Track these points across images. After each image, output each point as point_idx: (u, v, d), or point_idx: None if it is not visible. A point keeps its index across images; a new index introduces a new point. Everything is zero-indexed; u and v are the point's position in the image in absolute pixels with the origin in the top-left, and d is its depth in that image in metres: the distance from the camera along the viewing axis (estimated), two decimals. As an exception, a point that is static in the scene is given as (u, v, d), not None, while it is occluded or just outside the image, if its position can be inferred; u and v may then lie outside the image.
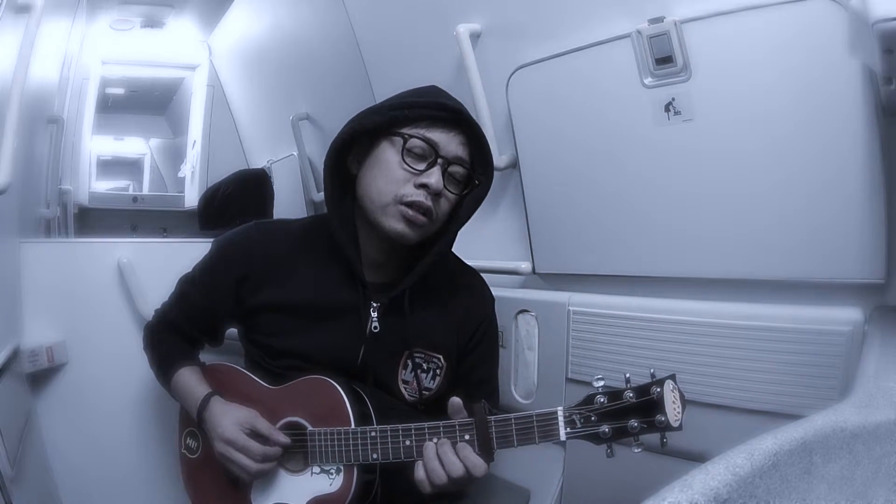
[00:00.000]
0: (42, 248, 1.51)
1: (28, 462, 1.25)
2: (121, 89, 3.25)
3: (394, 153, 0.94)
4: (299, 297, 1.01)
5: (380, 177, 0.95)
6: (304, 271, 1.02)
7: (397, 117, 0.94)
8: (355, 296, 1.00)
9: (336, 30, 1.70)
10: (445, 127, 0.95)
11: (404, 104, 0.95)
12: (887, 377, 0.59)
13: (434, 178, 0.93)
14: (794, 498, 0.43)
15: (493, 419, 0.82)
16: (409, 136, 0.93)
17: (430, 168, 0.94)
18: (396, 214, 0.94)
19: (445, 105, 0.94)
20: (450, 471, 0.82)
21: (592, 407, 0.78)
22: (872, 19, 0.59)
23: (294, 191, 2.35)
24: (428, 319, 1.03)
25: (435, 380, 1.05)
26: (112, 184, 3.56)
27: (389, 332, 1.01)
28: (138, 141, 3.64)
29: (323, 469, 0.95)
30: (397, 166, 0.94)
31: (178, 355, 1.10)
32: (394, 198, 0.93)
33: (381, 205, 0.95)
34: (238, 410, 0.99)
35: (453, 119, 0.95)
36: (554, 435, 0.79)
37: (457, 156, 0.96)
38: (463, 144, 0.97)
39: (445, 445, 0.84)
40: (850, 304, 0.91)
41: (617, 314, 1.14)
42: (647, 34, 1.01)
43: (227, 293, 1.04)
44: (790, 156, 0.93)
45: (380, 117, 0.95)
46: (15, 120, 1.14)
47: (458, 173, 0.98)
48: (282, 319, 1.01)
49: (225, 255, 1.06)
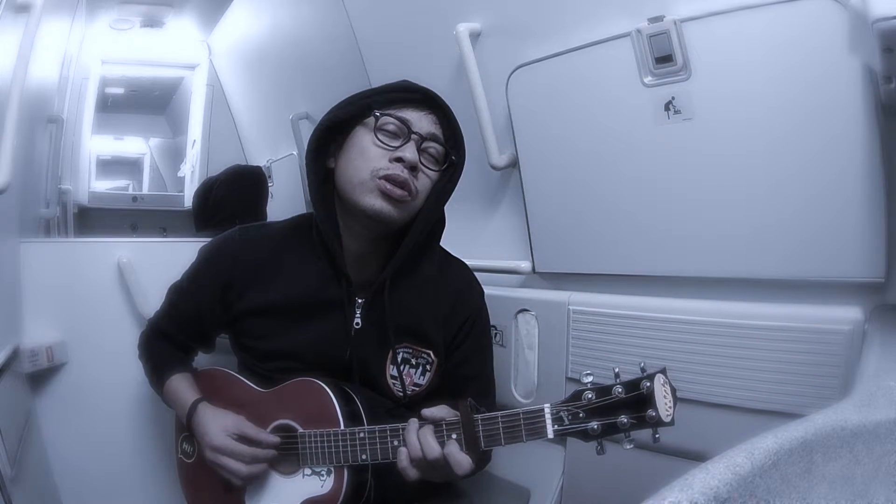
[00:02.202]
0: (42, 248, 1.51)
1: (28, 462, 1.25)
2: (120, 89, 3.25)
3: (367, 134, 0.96)
4: (284, 297, 1.01)
5: (356, 157, 0.96)
6: (288, 272, 1.03)
7: (369, 104, 0.97)
8: (339, 292, 1.01)
9: (336, 29, 1.70)
10: (417, 106, 0.98)
11: (376, 91, 0.99)
12: (887, 376, 0.59)
13: (409, 152, 0.94)
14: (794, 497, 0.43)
15: (479, 418, 0.81)
16: (381, 114, 0.96)
17: (404, 144, 0.96)
18: (374, 190, 0.94)
19: (415, 87, 0.98)
20: (427, 451, 0.82)
21: (580, 403, 0.76)
22: (872, 18, 0.59)
23: (294, 190, 2.35)
24: (415, 314, 1.03)
25: (425, 375, 1.05)
26: (112, 183, 3.56)
27: (375, 327, 1.01)
28: (138, 140, 3.64)
29: (314, 471, 0.95)
30: (372, 145, 0.95)
31: (169, 363, 1.11)
32: (370, 173, 0.94)
33: (358, 182, 0.95)
34: (225, 417, 0.99)
35: (423, 100, 0.98)
36: (541, 433, 0.77)
37: (430, 132, 0.98)
38: (435, 123, 0.99)
39: (427, 429, 0.84)
40: (850, 303, 0.91)
41: (617, 313, 1.14)
42: (647, 33, 1.01)
43: (213, 300, 1.04)
44: (790, 154, 0.93)
45: (352, 107, 0.98)
46: (15, 119, 1.14)
47: (432, 149, 0.99)
48: (268, 322, 1.02)
49: (209, 263, 1.07)
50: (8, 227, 1.40)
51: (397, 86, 0.99)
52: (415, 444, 0.83)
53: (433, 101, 0.99)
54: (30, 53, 1.19)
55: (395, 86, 0.99)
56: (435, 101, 0.99)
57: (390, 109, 0.96)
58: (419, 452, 0.83)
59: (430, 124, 0.98)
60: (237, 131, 2.96)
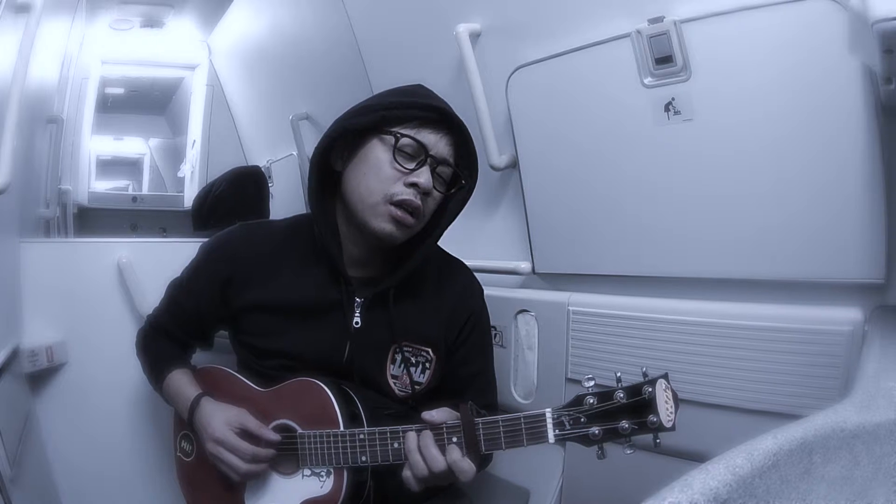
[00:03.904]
0: (42, 248, 1.51)
1: (28, 462, 1.25)
2: (120, 89, 3.26)
3: (384, 152, 0.94)
4: (283, 296, 1.01)
5: (370, 175, 0.95)
6: (288, 270, 1.03)
7: (387, 117, 0.94)
8: (338, 293, 1.01)
9: (336, 30, 1.70)
10: (434, 128, 0.95)
11: (394, 104, 0.96)
12: (887, 377, 0.59)
13: (424, 178, 0.93)
14: (793, 498, 0.43)
15: (480, 421, 0.81)
16: (400, 135, 0.94)
17: (419, 167, 0.94)
18: (385, 214, 0.94)
19: (435, 107, 0.96)
20: (431, 465, 0.82)
21: (582, 408, 0.76)
22: (872, 19, 0.59)
23: (294, 190, 2.36)
24: (414, 313, 1.03)
25: (424, 374, 1.05)
26: (111, 184, 3.56)
27: (374, 326, 1.01)
28: (138, 141, 3.64)
29: (314, 471, 0.95)
30: (388, 165, 0.94)
31: (168, 359, 1.11)
32: (383, 197, 0.93)
33: (370, 203, 0.94)
34: (228, 410, 0.99)
35: (442, 120, 0.96)
36: (542, 437, 0.77)
37: (444, 157, 0.97)
38: (450, 145, 0.98)
39: (427, 438, 0.84)
40: (850, 303, 0.91)
41: (617, 314, 1.14)
42: (647, 34, 1.01)
43: (213, 296, 1.05)
44: (790, 155, 0.93)
45: (368, 117, 0.95)
46: (15, 120, 1.14)
47: (444, 173, 0.99)
48: (267, 319, 1.02)
49: (210, 259, 1.07)
50: (8, 227, 1.40)
51: (418, 103, 0.96)
52: (419, 462, 0.83)
53: (450, 122, 0.96)
54: (30, 53, 1.19)
55: (414, 102, 0.96)
56: (453, 121, 0.96)
57: (408, 128, 0.94)
58: (424, 469, 0.83)
59: (446, 147, 0.97)
60: (237, 131, 2.96)
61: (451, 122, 0.97)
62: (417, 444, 0.84)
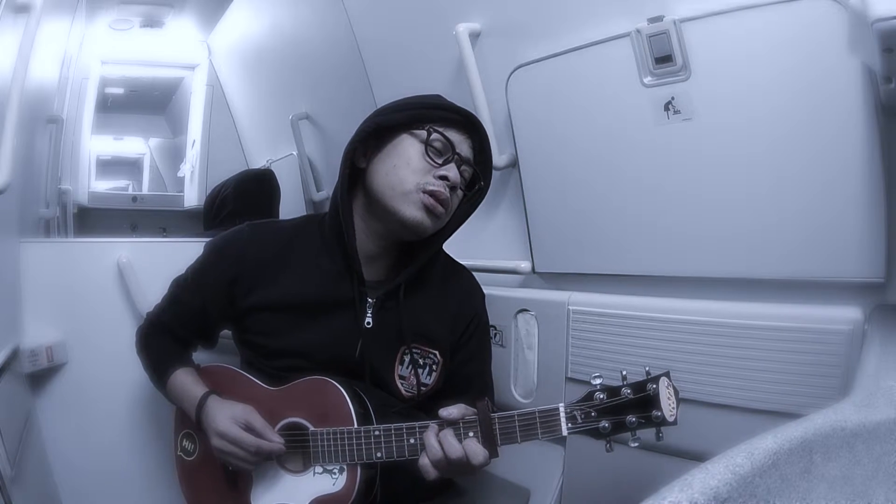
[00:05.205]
0: (42, 248, 1.51)
1: (28, 462, 1.25)
2: (120, 89, 3.25)
3: (415, 146, 0.99)
4: (293, 294, 1.01)
5: (401, 166, 0.98)
6: (297, 269, 1.03)
7: (419, 115, 1.00)
8: (350, 291, 1.01)
9: (336, 30, 1.70)
10: (460, 129, 1.02)
11: (423, 104, 1.02)
12: (887, 376, 0.59)
13: (453, 172, 0.99)
14: (794, 497, 0.43)
15: (496, 416, 0.84)
16: (433, 129, 0.99)
17: (447, 163, 0.99)
18: (417, 202, 0.97)
19: (459, 110, 1.03)
20: (448, 451, 0.84)
21: (592, 403, 0.80)
22: (872, 18, 0.59)
23: (294, 190, 2.35)
24: (422, 315, 1.05)
25: (431, 375, 1.06)
26: (111, 183, 3.56)
27: (385, 326, 1.02)
28: (138, 141, 3.64)
29: (326, 469, 0.95)
30: (420, 157, 0.98)
31: (172, 358, 1.10)
32: (416, 186, 0.97)
33: (402, 192, 0.97)
34: (234, 406, 0.99)
35: (466, 123, 1.03)
36: (556, 430, 0.81)
37: (467, 157, 1.03)
38: (471, 148, 1.04)
39: (447, 430, 0.86)
40: (850, 303, 0.91)
41: (617, 313, 1.14)
42: (647, 33, 1.01)
43: (219, 295, 1.04)
44: (790, 155, 0.93)
45: (402, 114, 1.01)
46: (15, 120, 1.14)
47: (466, 173, 1.04)
48: (275, 319, 1.02)
49: (217, 257, 1.06)
50: (8, 227, 1.40)
51: (444, 104, 1.02)
52: (435, 447, 0.85)
53: (473, 126, 1.03)
54: (30, 53, 1.19)
55: (441, 104, 1.02)
56: (475, 126, 1.03)
57: (437, 126, 0.99)
58: (440, 454, 0.84)
59: (468, 149, 1.03)
60: (237, 131, 2.96)
61: (472, 127, 1.03)
62: (437, 436, 0.86)
